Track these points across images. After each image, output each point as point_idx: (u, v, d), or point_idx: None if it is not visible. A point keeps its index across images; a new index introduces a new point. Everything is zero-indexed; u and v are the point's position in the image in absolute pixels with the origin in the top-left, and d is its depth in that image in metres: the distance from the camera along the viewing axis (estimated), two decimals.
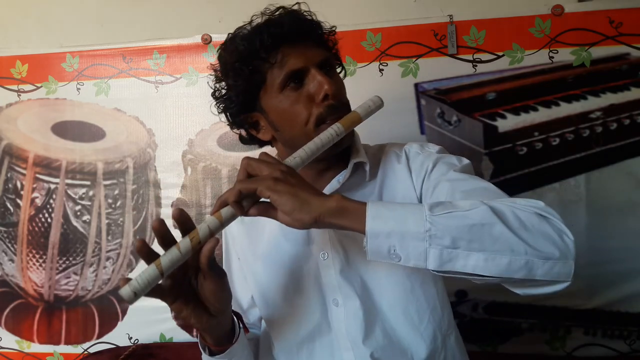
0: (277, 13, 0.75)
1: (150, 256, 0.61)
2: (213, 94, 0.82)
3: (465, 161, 0.78)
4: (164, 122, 1.50)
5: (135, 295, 0.57)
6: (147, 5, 1.55)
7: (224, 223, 0.61)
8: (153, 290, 0.59)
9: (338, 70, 0.82)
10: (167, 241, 0.61)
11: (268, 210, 0.61)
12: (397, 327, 0.76)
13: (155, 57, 1.49)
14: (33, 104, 1.55)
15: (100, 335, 1.52)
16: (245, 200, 0.61)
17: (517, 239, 0.55)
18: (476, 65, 1.36)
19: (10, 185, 1.56)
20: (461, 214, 0.56)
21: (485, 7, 1.39)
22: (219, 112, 0.82)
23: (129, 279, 0.57)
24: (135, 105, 1.51)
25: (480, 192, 0.67)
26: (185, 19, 1.53)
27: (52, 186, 1.53)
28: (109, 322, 1.52)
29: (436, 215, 0.56)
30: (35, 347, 1.55)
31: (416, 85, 1.38)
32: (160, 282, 0.60)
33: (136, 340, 1.50)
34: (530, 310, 1.33)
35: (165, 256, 0.59)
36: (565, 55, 1.33)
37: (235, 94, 0.77)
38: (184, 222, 0.63)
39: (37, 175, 1.54)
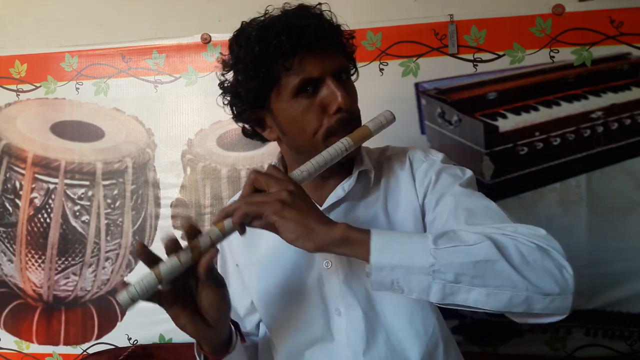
0: (298, 13, 0.72)
1: (149, 259, 0.60)
2: (221, 85, 0.79)
3: (469, 173, 0.77)
4: (163, 122, 1.49)
5: (132, 302, 0.58)
6: (146, 4, 1.55)
7: (226, 234, 0.61)
8: (153, 295, 0.60)
9: (351, 72, 0.81)
10: (172, 251, 0.61)
11: (271, 226, 0.61)
12: (402, 337, 0.75)
13: (154, 56, 1.49)
14: (32, 103, 1.55)
15: (99, 336, 1.52)
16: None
17: (519, 276, 0.55)
18: (477, 65, 1.35)
19: (9, 186, 1.55)
20: (465, 248, 0.57)
21: (486, 6, 1.38)
22: (224, 104, 0.80)
23: (128, 284, 0.58)
24: (135, 105, 1.50)
25: (483, 212, 0.68)
26: (184, 19, 1.52)
27: (51, 186, 1.53)
28: (108, 322, 1.51)
29: (440, 249, 0.56)
30: (34, 348, 1.55)
31: (416, 85, 1.37)
32: (158, 288, 0.60)
33: (135, 341, 1.50)
34: None
35: (165, 265, 0.59)
36: (566, 54, 1.32)
37: (245, 91, 0.74)
38: (193, 233, 0.62)
39: (36, 175, 1.54)
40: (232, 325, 0.74)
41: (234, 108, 0.78)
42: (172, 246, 0.61)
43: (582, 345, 1.34)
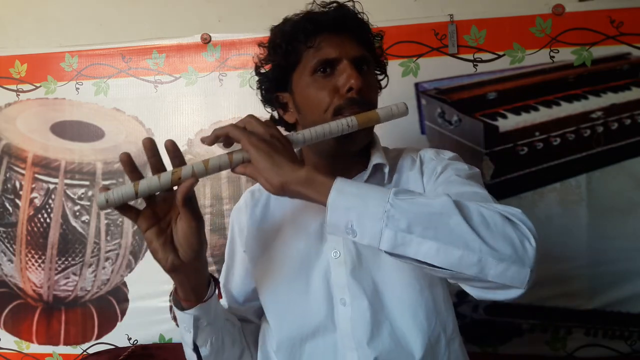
0: (328, 5, 0.80)
1: (132, 171, 0.65)
2: (256, 70, 0.87)
3: (475, 169, 0.79)
4: (163, 121, 1.49)
5: (107, 203, 0.62)
6: (146, 4, 1.55)
7: (208, 170, 0.64)
8: (131, 209, 0.65)
9: (380, 77, 0.86)
10: (155, 160, 0.66)
11: (252, 172, 0.63)
12: (406, 330, 0.75)
13: (154, 56, 1.49)
14: (32, 103, 1.55)
15: (99, 336, 1.52)
16: (236, 154, 0.64)
17: (474, 234, 0.54)
18: (477, 65, 1.35)
19: (9, 186, 1.55)
20: (423, 201, 0.58)
21: (486, 6, 1.38)
22: (257, 88, 0.87)
23: (108, 189, 0.63)
24: (135, 105, 1.50)
25: (469, 196, 0.67)
26: (184, 19, 1.52)
27: (51, 186, 1.53)
28: (108, 322, 1.51)
29: (399, 199, 0.57)
30: (34, 348, 1.55)
31: (416, 85, 1.37)
32: (133, 201, 0.64)
33: (135, 341, 1.50)
34: (531, 311, 1.33)
35: (145, 180, 0.64)
36: (566, 54, 1.32)
37: (271, 70, 0.82)
38: (176, 155, 0.66)
39: (36, 175, 1.54)
40: (212, 282, 0.77)
41: (262, 88, 0.86)
42: (172, 148, 0.65)
43: (582, 345, 1.34)
